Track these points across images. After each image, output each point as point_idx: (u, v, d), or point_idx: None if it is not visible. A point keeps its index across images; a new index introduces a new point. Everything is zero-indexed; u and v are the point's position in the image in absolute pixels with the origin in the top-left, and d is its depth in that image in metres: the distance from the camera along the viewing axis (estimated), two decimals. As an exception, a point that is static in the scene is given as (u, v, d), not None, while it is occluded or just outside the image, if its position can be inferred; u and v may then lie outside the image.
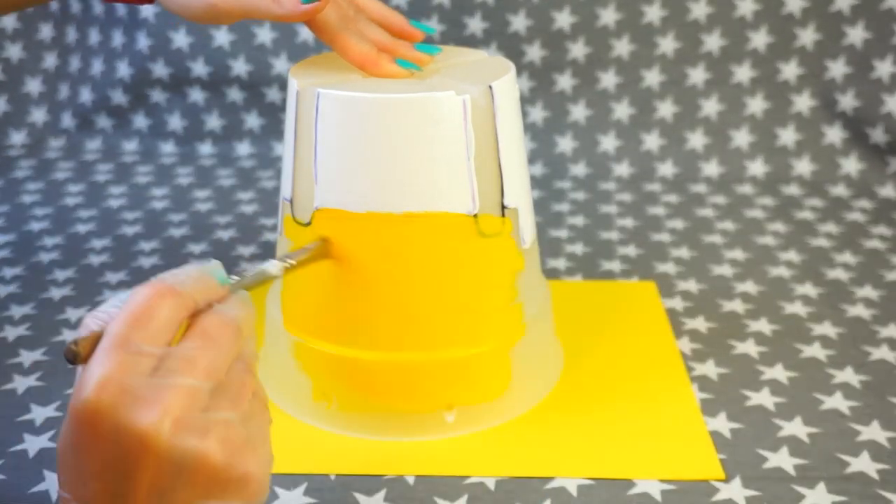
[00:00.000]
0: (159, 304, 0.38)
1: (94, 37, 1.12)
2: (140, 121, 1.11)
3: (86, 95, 1.12)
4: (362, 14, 0.60)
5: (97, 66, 1.12)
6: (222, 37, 1.07)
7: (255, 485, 0.39)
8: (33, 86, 1.12)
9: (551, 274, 0.80)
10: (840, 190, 0.98)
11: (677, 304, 0.75)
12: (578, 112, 1.05)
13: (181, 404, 0.36)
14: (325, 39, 0.58)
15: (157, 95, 1.10)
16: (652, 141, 1.04)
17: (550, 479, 0.55)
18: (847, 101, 1.01)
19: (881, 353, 0.68)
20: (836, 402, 0.62)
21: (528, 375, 0.61)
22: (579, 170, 1.03)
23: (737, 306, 0.75)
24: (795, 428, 0.60)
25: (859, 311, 0.74)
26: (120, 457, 0.36)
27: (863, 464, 0.56)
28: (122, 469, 0.36)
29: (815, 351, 0.68)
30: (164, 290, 0.39)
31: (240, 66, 1.07)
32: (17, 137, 1.12)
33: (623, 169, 1.03)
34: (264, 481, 0.40)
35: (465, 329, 0.58)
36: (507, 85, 0.57)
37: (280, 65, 1.07)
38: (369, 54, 0.58)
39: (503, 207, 0.57)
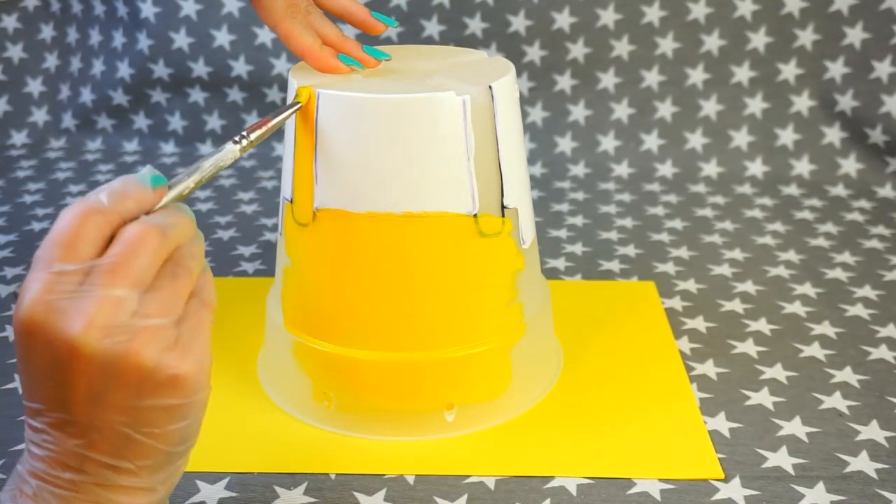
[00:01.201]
0: (83, 223, 0.41)
1: (94, 37, 1.12)
2: (140, 121, 1.12)
3: (86, 95, 1.12)
4: (317, 8, 0.60)
5: (98, 67, 1.12)
6: (223, 37, 1.07)
7: (189, 384, 0.41)
8: (34, 86, 1.12)
9: (551, 274, 0.80)
10: (839, 190, 0.98)
11: (677, 304, 0.75)
12: (578, 112, 1.06)
13: (104, 312, 0.39)
14: (270, 24, 0.58)
15: (158, 95, 1.10)
16: (652, 141, 1.04)
17: (550, 478, 0.55)
18: (846, 102, 1.01)
19: (880, 352, 0.68)
20: (836, 401, 0.62)
21: (528, 375, 0.61)
22: (579, 170, 1.04)
23: (736, 306, 0.75)
24: (794, 427, 0.60)
25: (858, 310, 0.74)
26: (55, 365, 0.39)
27: (862, 463, 0.56)
28: (60, 376, 0.39)
29: (815, 351, 0.68)
30: (85, 210, 0.41)
31: (240, 67, 1.07)
32: (18, 137, 1.12)
33: (623, 169, 1.03)
34: (199, 380, 0.41)
35: (465, 329, 0.58)
36: (507, 85, 0.57)
37: (280, 65, 1.07)
38: (312, 46, 0.58)
39: (503, 207, 0.57)
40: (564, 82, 1.05)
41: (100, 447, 0.40)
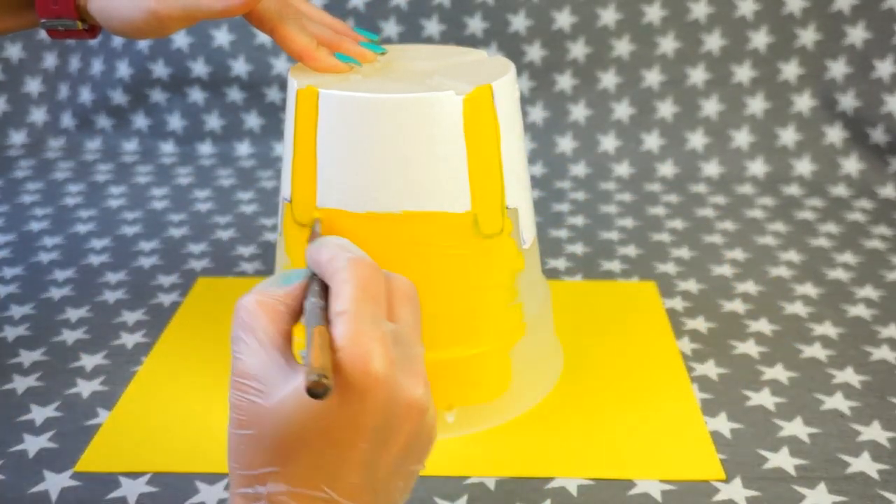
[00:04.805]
0: (373, 276, 0.40)
1: (93, 37, 1.12)
2: (140, 121, 1.11)
3: (86, 95, 1.12)
4: (304, 15, 0.61)
5: (97, 66, 1.12)
6: (222, 37, 1.07)
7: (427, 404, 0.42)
8: (33, 86, 1.12)
9: (551, 274, 0.80)
10: (840, 190, 0.98)
11: (677, 304, 0.75)
12: (578, 112, 1.05)
13: (425, 372, 0.40)
14: (266, 30, 0.59)
15: (157, 95, 1.10)
16: (652, 141, 1.04)
17: (550, 479, 0.55)
18: (847, 101, 1.01)
19: (882, 353, 0.68)
20: (837, 402, 0.62)
21: (528, 375, 0.61)
22: (579, 170, 1.03)
23: (737, 306, 0.75)
24: (796, 428, 0.60)
25: (860, 311, 0.74)
26: (388, 423, 0.39)
27: (863, 464, 0.56)
28: (386, 436, 0.39)
29: (816, 351, 0.68)
30: (370, 264, 0.41)
31: (240, 66, 1.07)
32: (17, 137, 1.12)
33: (623, 169, 1.03)
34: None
35: (465, 329, 0.58)
36: (507, 85, 0.57)
37: (280, 65, 1.07)
38: (308, 47, 0.58)
39: (503, 207, 0.57)
40: (565, 82, 1.05)
41: None
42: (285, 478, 0.38)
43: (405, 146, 0.54)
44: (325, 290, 0.41)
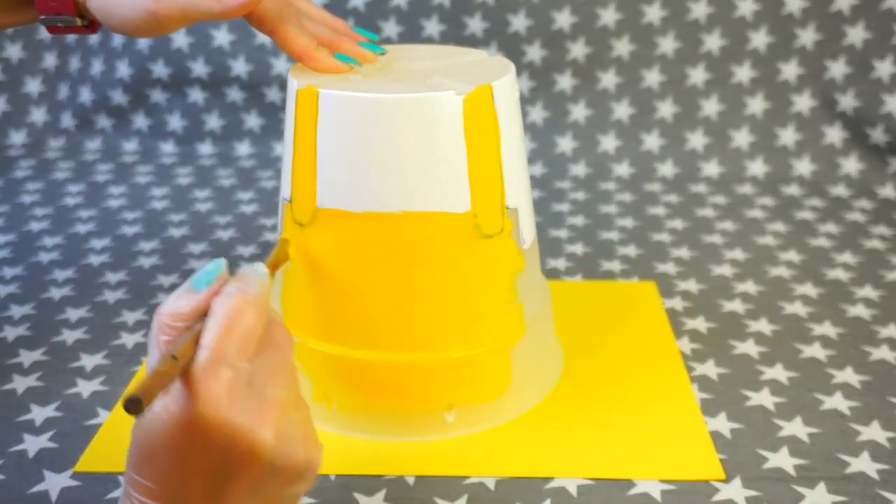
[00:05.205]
0: (256, 321, 0.41)
1: (93, 37, 1.12)
2: (140, 121, 1.11)
3: (86, 95, 1.12)
4: (304, 14, 0.61)
5: (97, 66, 1.12)
6: (222, 37, 1.07)
7: (317, 469, 0.43)
8: (33, 86, 1.12)
9: (551, 274, 0.80)
10: (840, 190, 0.98)
11: (677, 304, 0.75)
12: (578, 112, 1.05)
13: (277, 414, 0.40)
14: (266, 31, 0.59)
15: (157, 95, 1.10)
16: (652, 141, 1.04)
17: (550, 479, 0.55)
18: (847, 101, 1.01)
19: (881, 353, 0.68)
20: (837, 402, 0.62)
21: (528, 375, 0.61)
22: (579, 170, 1.03)
23: (737, 306, 0.75)
24: (795, 428, 0.60)
25: (859, 311, 0.74)
26: (228, 461, 0.39)
27: (863, 464, 0.56)
28: (227, 471, 0.40)
29: (815, 351, 0.68)
30: (256, 308, 0.42)
31: (240, 66, 1.07)
32: (17, 137, 1.12)
33: (623, 169, 1.03)
34: (319, 464, 0.44)
35: (465, 329, 0.58)
36: (507, 85, 0.57)
37: (280, 65, 1.07)
38: (308, 47, 0.58)
39: (503, 207, 0.57)
40: (564, 82, 1.05)
41: None
42: (141, 487, 0.40)
43: (405, 146, 0.54)
44: None
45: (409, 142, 0.54)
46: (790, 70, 1.02)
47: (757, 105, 1.03)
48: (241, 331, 0.41)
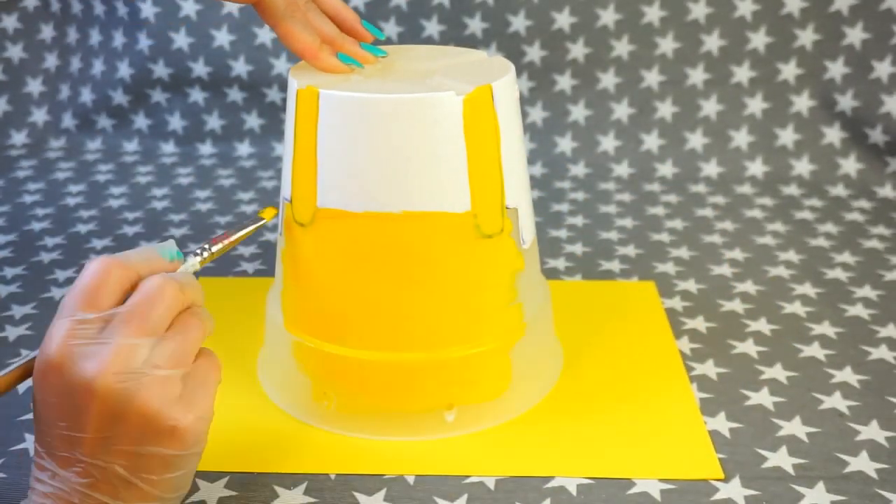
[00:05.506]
0: (106, 275, 0.44)
1: (94, 37, 1.12)
2: (140, 121, 1.12)
3: (86, 95, 1.12)
4: (315, 7, 0.61)
5: (98, 67, 1.12)
6: (222, 37, 1.07)
7: (188, 436, 0.44)
8: (34, 86, 1.12)
9: (551, 274, 0.80)
10: (839, 190, 0.98)
11: (677, 304, 0.75)
12: (578, 112, 1.06)
13: (119, 359, 0.42)
14: (271, 24, 0.59)
15: (158, 95, 1.10)
16: (652, 141, 1.04)
17: (550, 478, 0.55)
18: (846, 102, 1.01)
19: (880, 352, 0.68)
20: (836, 401, 0.62)
21: (528, 375, 0.61)
22: (579, 170, 1.04)
23: (736, 306, 0.75)
24: (794, 427, 0.60)
25: (858, 310, 0.74)
26: (70, 406, 0.43)
27: (862, 463, 0.56)
28: (73, 416, 0.43)
29: (815, 351, 0.68)
30: (109, 264, 0.45)
31: (240, 67, 1.07)
32: (18, 137, 1.12)
33: (623, 169, 1.03)
34: (198, 434, 0.45)
35: (465, 329, 0.58)
36: (507, 85, 0.57)
37: (280, 65, 1.07)
38: (311, 45, 0.58)
39: (503, 207, 0.57)
40: (564, 82, 1.05)
41: (101, 488, 0.43)
42: (37, 432, 0.44)
43: (405, 146, 0.54)
44: None
45: (409, 142, 0.54)
46: (789, 70, 1.02)
47: (756, 105, 1.03)
48: (94, 287, 0.44)
